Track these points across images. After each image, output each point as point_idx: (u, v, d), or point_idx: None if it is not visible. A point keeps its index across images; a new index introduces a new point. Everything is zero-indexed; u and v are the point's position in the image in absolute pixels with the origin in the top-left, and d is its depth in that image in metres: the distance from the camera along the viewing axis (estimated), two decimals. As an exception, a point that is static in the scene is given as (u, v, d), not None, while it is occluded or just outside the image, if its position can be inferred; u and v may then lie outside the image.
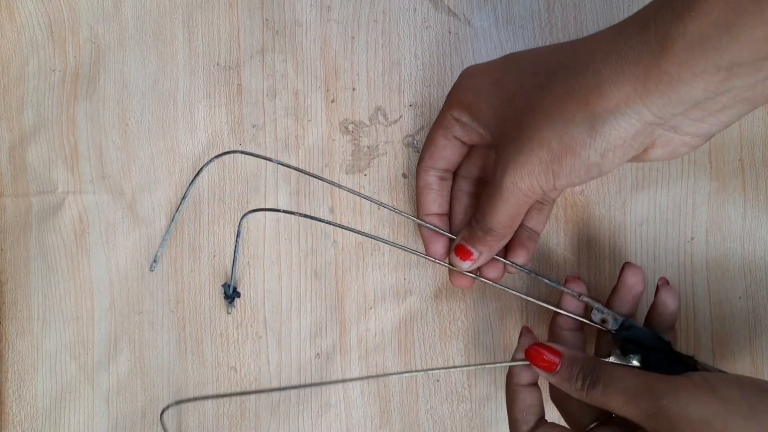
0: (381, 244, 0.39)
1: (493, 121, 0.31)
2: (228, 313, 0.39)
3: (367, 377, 0.39)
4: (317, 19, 0.39)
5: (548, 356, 0.31)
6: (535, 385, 0.33)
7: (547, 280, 0.35)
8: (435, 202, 0.35)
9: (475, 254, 0.33)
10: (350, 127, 0.39)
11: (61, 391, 0.39)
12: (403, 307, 0.39)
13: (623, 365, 0.31)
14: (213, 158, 0.38)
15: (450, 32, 0.39)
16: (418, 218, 0.35)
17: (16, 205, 0.39)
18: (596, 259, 0.38)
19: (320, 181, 0.39)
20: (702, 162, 0.38)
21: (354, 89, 0.39)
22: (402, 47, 0.39)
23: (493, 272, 0.35)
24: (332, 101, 0.39)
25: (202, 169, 0.38)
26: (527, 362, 0.32)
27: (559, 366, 0.31)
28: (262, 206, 0.39)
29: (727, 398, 0.27)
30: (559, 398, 0.34)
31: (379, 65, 0.39)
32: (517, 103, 0.29)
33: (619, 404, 0.29)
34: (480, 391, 0.39)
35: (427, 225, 0.35)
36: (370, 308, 0.39)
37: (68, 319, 0.39)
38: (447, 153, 0.34)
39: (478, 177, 0.35)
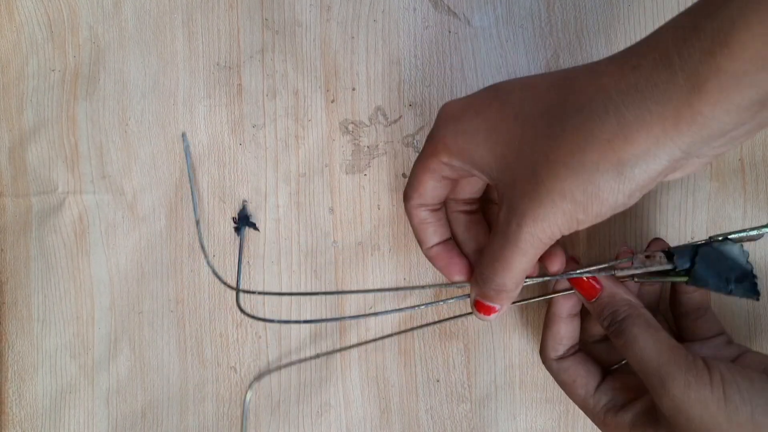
0: (381, 244, 0.39)
1: (495, 169, 0.28)
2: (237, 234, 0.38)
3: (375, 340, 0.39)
4: (317, 19, 0.39)
5: (589, 280, 0.32)
6: (573, 317, 0.33)
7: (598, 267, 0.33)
8: (436, 233, 0.34)
9: (497, 307, 0.31)
10: (350, 127, 0.39)
11: (61, 391, 0.39)
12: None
13: (653, 330, 0.30)
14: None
15: (450, 32, 0.39)
16: (424, 253, 0.34)
17: (16, 205, 0.39)
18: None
19: (320, 182, 0.39)
20: (702, 162, 0.37)
21: (354, 89, 0.39)
22: (402, 47, 0.39)
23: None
24: (332, 101, 0.39)
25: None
26: (571, 291, 0.33)
27: (597, 297, 0.32)
28: (262, 206, 0.39)
29: (737, 413, 0.27)
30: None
31: (379, 65, 0.39)
32: (524, 151, 0.27)
33: (633, 365, 0.30)
34: (480, 391, 0.39)
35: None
36: (370, 308, 0.39)
37: (68, 319, 0.39)
38: (437, 192, 0.32)
39: (471, 198, 0.34)
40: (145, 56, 0.39)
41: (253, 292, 0.38)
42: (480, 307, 0.32)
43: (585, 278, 0.32)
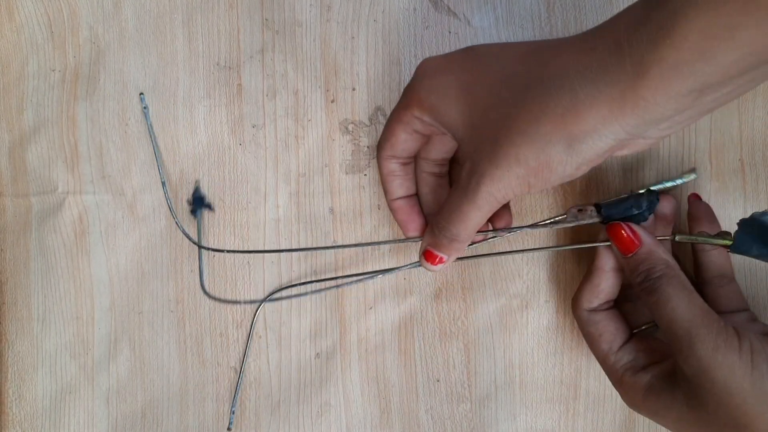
0: (380, 244, 0.39)
1: (462, 128, 0.30)
2: (194, 217, 0.38)
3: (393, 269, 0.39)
4: (317, 19, 0.39)
5: (628, 235, 0.32)
6: (617, 271, 0.34)
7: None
8: (402, 186, 0.35)
9: (445, 258, 0.33)
10: (350, 127, 0.39)
11: (61, 391, 0.39)
12: (403, 307, 0.39)
13: (688, 292, 0.30)
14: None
15: (450, 32, 0.39)
16: (388, 204, 0.36)
17: (16, 205, 0.39)
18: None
19: (320, 182, 0.39)
20: (702, 162, 0.37)
21: (354, 89, 0.39)
22: (402, 47, 0.39)
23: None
24: (332, 101, 0.39)
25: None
26: (608, 243, 0.33)
27: (634, 252, 0.32)
28: (262, 205, 0.39)
29: (762, 380, 0.27)
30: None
31: (379, 65, 0.39)
32: (490, 115, 0.29)
33: (662, 324, 0.30)
34: (480, 391, 0.39)
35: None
36: (370, 308, 0.39)
37: (68, 319, 0.39)
38: (408, 145, 0.34)
39: (441, 158, 0.35)
40: (145, 56, 0.39)
41: (221, 251, 0.39)
42: (429, 256, 0.33)
43: (624, 232, 0.32)
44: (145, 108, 0.37)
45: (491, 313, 0.39)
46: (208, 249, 0.38)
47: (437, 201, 0.36)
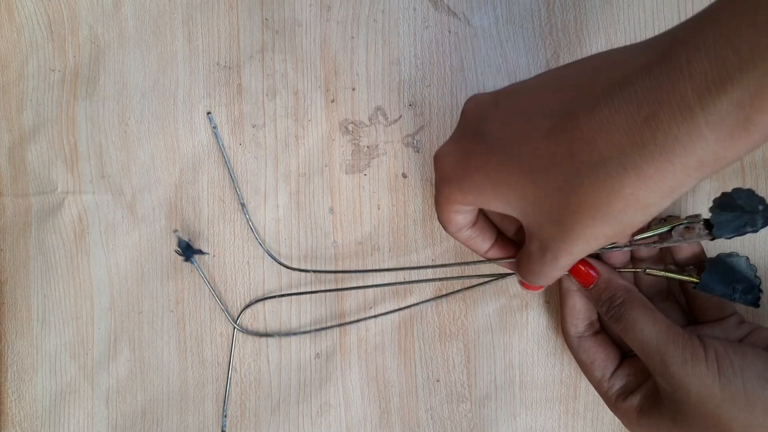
0: (381, 244, 0.39)
1: (514, 213, 0.29)
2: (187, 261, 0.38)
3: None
4: (317, 18, 0.39)
5: (585, 269, 0.33)
6: (582, 290, 0.34)
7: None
8: (485, 241, 0.34)
9: (543, 285, 0.33)
10: (350, 127, 0.39)
11: (60, 391, 0.39)
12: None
13: (651, 312, 0.31)
14: None
15: (450, 32, 0.39)
16: (484, 257, 0.35)
17: (16, 205, 0.39)
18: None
19: (320, 182, 0.39)
20: (702, 162, 0.37)
21: (354, 89, 0.39)
22: (402, 47, 0.39)
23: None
24: (332, 101, 0.39)
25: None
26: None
27: (594, 284, 0.33)
28: (262, 205, 0.39)
29: (730, 385, 0.28)
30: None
31: (379, 65, 0.39)
32: (543, 203, 0.27)
33: (634, 347, 0.31)
34: (480, 391, 0.39)
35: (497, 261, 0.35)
36: (370, 308, 0.39)
37: (68, 319, 0.39)
38: (468, 219, 0.32)
39: None
40: (145, 56, 0.39)
41: (305, 271, 0.38)
42: (527, 287, 0.35)
43: (581, 266, 0.33)
44: (214, 127, 0.38)
45: (491, 313, 0.39)
46: (292, 269, 0.39)
47: (513, 223, 0.35)
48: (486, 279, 0.38)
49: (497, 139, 0.28)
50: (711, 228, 0.31)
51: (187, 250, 0.38)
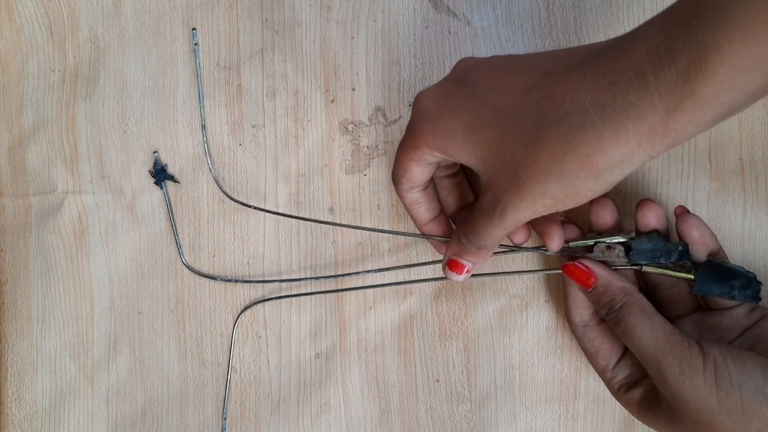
0: (380, 244, 0.39)
1: (475, 164, 0.30)
2: (160, 187, 0.39)
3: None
4: (317, 19, 0.39)
5: (583, 271, 0.33)
6: None
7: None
8: (428, 210, 0.35)
9: (469, 266, 0.33)
10: (350, 127, 0.39)
11: (60, 391, 0.39)
12: (402, 307, 0.39)
13: (649, 318, 0.31)
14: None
15: (450, 32, 0.39)
16: (419, 229, 0.36)
17: (16, 205, 0.39)
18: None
19: (320, 182, 0.39)
20: (702, 162, 0.38)
21: (354, 89, 0.39)
22: (402, 47, 0.39)
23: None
24: (332, 101, 0.39)
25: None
26: (559, 270, 0.34)
27: (593, 287, 0.33)
28: (262, 205, 0.39)
29: (727, 398, 0.28)
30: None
31: (379, 65, 0.39)
32: (503, 154, 0.28)
33: (633, 352, 0.31)
34: (480, 391, 0.39)
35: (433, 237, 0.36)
36: (370, 308, 0.39)
37: (68, 319, 0.39)
38: (424, 175, 0.33)
39: (453, 165, 0.35)
40: (145, 56, 0.39)
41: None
42: (454, 265, 0.33)
43: (578, 267, 0.33)
44: (195, 44, 0.38)
45: (491, 314, 0.39)
46: (240, 203, 0.38)
47: (458, 199, 0.36)
48: (487, 274, 0.38)
49: (480, 87, 0.30)
50: (629, 252, 0.33)
51: (160, 174, 0.38)
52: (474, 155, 0.30)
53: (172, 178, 0.39)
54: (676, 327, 0.31)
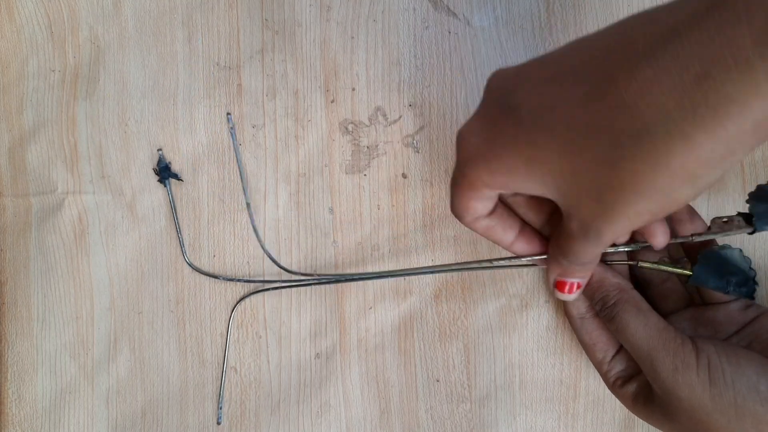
0: (379, 244, 0.39)
1: (549, 194, 0.26)
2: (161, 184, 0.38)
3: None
4: (317, 19, 0.39)
5: (569, 282, 0.32)
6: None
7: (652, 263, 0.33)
8: (507, 231, 0.32)
9: (581, 282, 0.32)
10: (350, 127, 0.39)
11: (60, 391, 0.39)
12: (403, 308, 0.39)
13: (643, 315, 0.31)
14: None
15: (450, 32, 0.39)
16: (511, 255, 0.34)
17: (16, 205, 0.39)
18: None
19: (320, 182, 0.39)
20: (702, 162, 0.37)
21: (354, 89, 0.39)
22: (402, 47, 0.39)
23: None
24: (332, 101, 0.39)
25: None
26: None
27: (580, 288, 0.32)
28: (262, 205, 0.39)
29: (720, 396, 0.28)
30: None
31: (379, 65, 0.39)
32: (581, 180, 0.24)
33: (627, 348, 0.31)
34: (480, 391, 0.39)
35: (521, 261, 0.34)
36: (370, 308, 0.39)
37: (68, 319, 0.39)
38: (487, 207, 0.30)
39: None
40: (145, 56, 0.39)
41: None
42: (561, 286, 0.32)
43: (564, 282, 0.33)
44: (232, 128, 0.38)
45: (491, 314, 0.39)
46: (292, 272, 0.39)
47: (540, 211, 0.32)
48: (487, 265, 0.38)
49: (527, 110, 0.25)
50: (750, 219, 0.30)
51: (164, 172, 0.38)
52: (545, 186, 0.26)
53: (176, 176, 0.39)
54: (669, 322, 0.31)
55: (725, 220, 0.31)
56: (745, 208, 0.30)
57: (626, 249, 0.33)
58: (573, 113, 0.23)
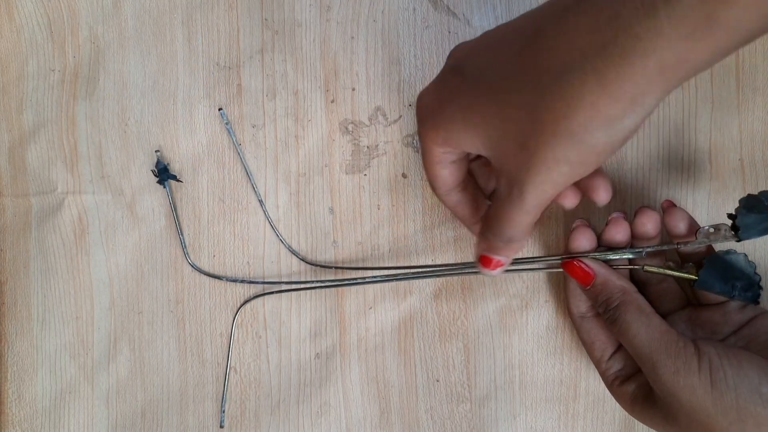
0: (379, 244, 0.39)
1: (483, 147, 0.28)
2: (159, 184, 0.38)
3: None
4: (317, 19, 0.39)
5: (582, 269, 0.33)
6: None
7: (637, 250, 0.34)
8: (472, 210, 0.33)
9: (503, 260, 0.32)
10: (350, 127, 0.39)
11: (60, 391, 0.39)
12: (402, 307, 0.39)
13: (645, 317, 0.31)
14: None
15: (450, 32, 0.39)
16: (469, 228, 0.34)
17: (16, 205, 0.39)
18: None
19: (320, 182, 0.39)
20: (702, 162, 0.37)
21: (354, 89, 0.39)
22: (402, 47, 0.39)
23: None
24: (332, 101, 0.39)
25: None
26: (559, 269, 0.34)
27: (591, 284, 0.33)
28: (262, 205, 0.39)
29: (722, 398, 0.28)
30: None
31: (379, 65, 0.39)
32: (508, 127, 0.26)
33: (629, 350, 0.31)
34: (480, 391, 0.39)
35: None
36: (370, 308, 0.39)
37: (68, 319, 0.39)
38: (455, 175, 0.32)
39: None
40: (145, 56, 0.39)
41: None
42: (485, 261, 0.32)
43: (578, 265, 0.33)
44: (227, 123, 0.38)
45: (491, 314, 0.39)
46: (314, 264, 0.39)
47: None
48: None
49: (473, 67, 0.28)
50: (737, 230, 0.31)
51: (163, 173, 0.38)
52: (478, 137, 0.27)
53: (174, 178, 0.39)
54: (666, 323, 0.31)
55: (712, 230, 0.32)
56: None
57: (630, 255, 0.33)
58: (509, 63, 0.26)
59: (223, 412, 0.39)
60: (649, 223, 0.33)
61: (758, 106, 0.37)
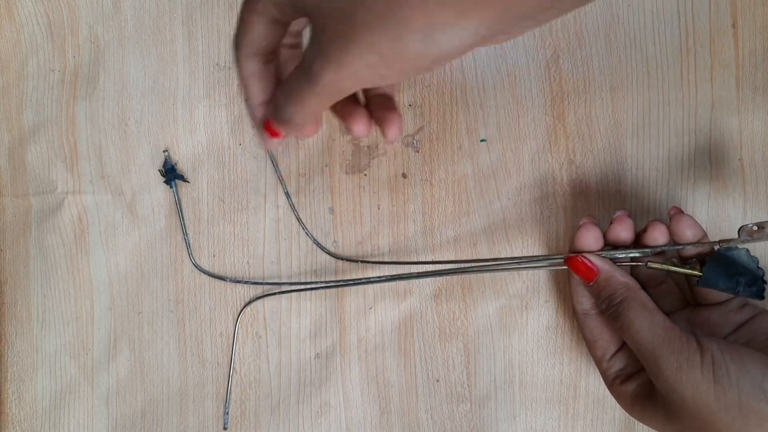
0: (379, 244, 0.39)
1: (311, 4, 0.26)
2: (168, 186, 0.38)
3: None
4: (317, 19, 0.39)
5: (586, 265, 0.33)
6: None
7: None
8: (266, 89, 0.30)
9: (281, 133, 0.30)
10: (350, 127, 0.39)
11: (60, 391, 0.39)
12: (402, 308, 0.39)
13: (648, 313, 0.31)
14: None
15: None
16: (248, 108, 0.31)
17: (16, 205, 0.39)
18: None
19: (320, 182, 0.39)
20: (702, 162, 0.38)
21: (354, 89, 0.39)
22: (402, 47, 0.39)
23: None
24: (332, 101, 0.39)
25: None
26: (563, 266, 0.34)
27: (594, 281, 0.33)
28: (262, 205, 0.39)
29: (724, 394, 0.28)
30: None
31: (379, 65, 0.39)
32: None
33: (631, 346, 0.31)
34: (480, 391, 0.39)
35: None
36: (370, 308, 0.39)
37: (68, 320, 0.39)
38: (269, 38, 0.29)
39: (299, 30, 0.32)
40: (145, 56, 0.39)
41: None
42: (266, 126, 0.30)
43: (581, 261, 0.33)
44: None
45: (491, 314, 0.39)
46: (341, 258, 0.39)
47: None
48: (491, 265, 0.38)
49: None
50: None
51: (170, 173, 0.38)
52: None
53: (182, 178, 0.38)
54: None
55: (755, 228, 0.32)
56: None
57: (635, 254, 0.33)
58: None
59: (227, 413, 0.39)
60: (660, 238, 0.33)
61: (758, 106, 0.37)
